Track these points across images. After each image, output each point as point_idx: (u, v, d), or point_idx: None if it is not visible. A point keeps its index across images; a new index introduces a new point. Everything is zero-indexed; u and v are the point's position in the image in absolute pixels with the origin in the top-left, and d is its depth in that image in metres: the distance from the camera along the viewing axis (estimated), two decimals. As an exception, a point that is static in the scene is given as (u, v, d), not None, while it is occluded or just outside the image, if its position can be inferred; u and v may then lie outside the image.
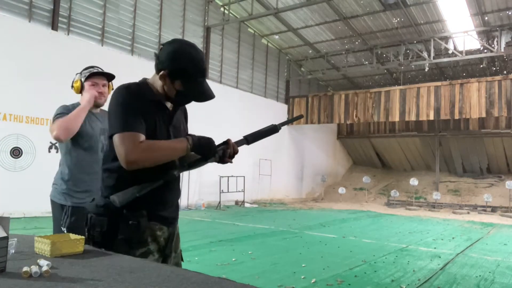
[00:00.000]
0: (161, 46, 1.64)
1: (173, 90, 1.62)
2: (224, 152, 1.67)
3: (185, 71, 1.59)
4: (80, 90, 2.55)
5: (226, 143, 1.69)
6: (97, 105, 2.57)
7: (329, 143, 21.12)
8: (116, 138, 1.52)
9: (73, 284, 1.10)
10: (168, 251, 1.70)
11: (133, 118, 1.53)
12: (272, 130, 1.87)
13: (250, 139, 1.80)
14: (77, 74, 2.59)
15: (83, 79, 2.54)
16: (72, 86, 2.57)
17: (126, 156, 1.49)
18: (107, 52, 10.82)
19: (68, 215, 2.38)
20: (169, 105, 1.70)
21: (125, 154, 1.49)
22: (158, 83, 1.65)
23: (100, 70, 2.58)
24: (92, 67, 2.59)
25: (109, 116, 1.59)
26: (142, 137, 1.53)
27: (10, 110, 8.90)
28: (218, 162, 1.71)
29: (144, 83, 1.68)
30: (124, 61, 10.85)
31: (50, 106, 2.48)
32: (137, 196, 1.54)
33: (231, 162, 1.73)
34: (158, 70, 1.62)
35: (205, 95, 1.65)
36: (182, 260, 1.84)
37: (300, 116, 2.32)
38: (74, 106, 2.50)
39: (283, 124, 1.93)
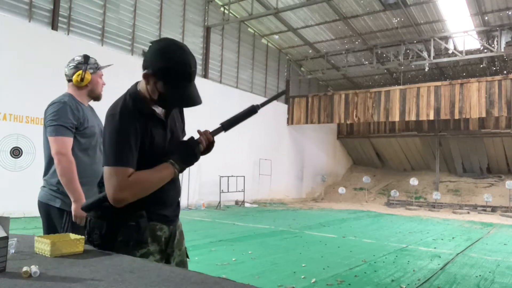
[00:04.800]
0: (150, 44, 1.57)
1: (156, 92, 1.55)
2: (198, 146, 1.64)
3: (167, 72, 1.49)
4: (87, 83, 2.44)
5: (198, 138, 1.64)
6: (100, 98, 2.51)
7: (329, 143, 21.13)
8: (106, 171, 1.50)
9: (73, 284, 1.10)
10: (170, 250, 1.68)
11: (125, 151, 1.49)
12: (250, 111, 1.71)
13: (227, 125, 1.69)
14: (80, 64, 2.43)
15: (91, 71, 2.43)
16: (83, 79, 2.40)
17: (114, 195, 1.48)
18: (107, 52, 10.81)
19: (69, 220, 2.26)
20: (160, 110, 1.63)
21: (113, 192, 1.48)
22: (143, 85, 1.58)
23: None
24: (90, 57, 2.47)
25: (104, 142, 1.55)
26: (131, 171, 1.50)
27: (10, 110, 8.90)
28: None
29: (135, 94, 1.59)
30: (124, 61, 10.84)
31: (50, 106, 2.41)
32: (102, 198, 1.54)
33: (208, 152, 1.68)
34: (143, 68, 1.55)
35: (188, 100, 1.55)
36: (187, 257, 1.82)
37: (282, 93, 2.15)
38: (72, 104, 2.33)
39: (263, 104, 1.76)
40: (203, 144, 1.64)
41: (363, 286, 4.38)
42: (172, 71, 1.49)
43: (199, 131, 1.66)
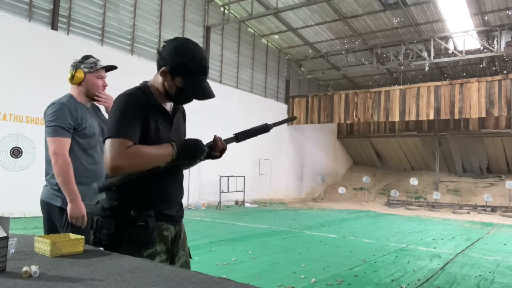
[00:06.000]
0: (164, 44, 1.65)
1: (174, 87, 1.62)
2: (210, 148, 1.67)
3: (186, 67, 1.59)
4: (80, 82, 2.42)
5: (214, 140, 1.69)
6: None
7: (329, 143, 21.12)
8: (107, 142, 1.53)
9: (73, 284, 1.10)
10: (175, 250, 1.72)
11: (128, 125, 1.54)
12: (263, 129, 1.82)
13: (240, 136, 1.77)
14: (76, 63, 2.43)
15: (86, 70, 2.42)
16: (73, 77, 2.39)
17: (111, 161, 1.49)
18: (107, 52, 10.81)
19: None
20: (168, 107, 1.71)
21: (110, 159, 1.49)
22: (159, 82, 1.65)
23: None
24: (92, 56, 2.47)
25: (108, 120, 1.61)
26: (131, 143, 1.53)
27: (10, 110, 8.90)
28: (206, 158, 1.70)
29: (145, 87, 1.67)
30: (124, 61, 10.84)
31: (50, 106, 2.42)
32: (118, 184, 1.57)
33: (219, 157, 1.71)
34: (159, 66, 1.63)
35: (205, 93, 1.65)
36: (190, 257, 1.86)
37: (293, 118, 2.27)
38: (71, 104, 2.34)
39: (275, 124, 1.88)
40: (218, 147, 1.67)
41: (363, 286, 4.38)
42: (190, 66, 1.60)
43: (215, 136, 1.70)
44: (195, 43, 1.65)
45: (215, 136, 1.70)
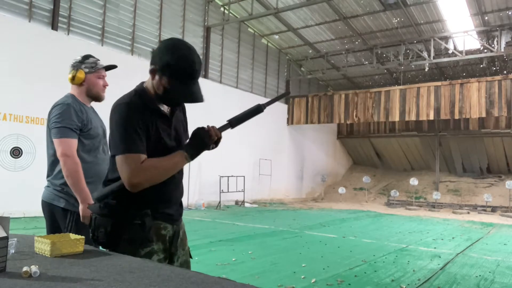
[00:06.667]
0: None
1: (161, 87, 1.60)
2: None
3: (172, 68, 1.55)
4: (81, 82, 2.42)
5: (207, 130, 1.65)
6: (100, 99, 2.50)
7: (329, 143, 21.13)
8: (118, 160, 1.53)
9: (73, 284, 1.10)
10: (173, 249, 1.71)
11: (134, 139, 1.53)
12: (256, 110, 1.75)
13: (234, 122, 1.72)
14: (76, 63, 2.42)
15: (87, 70, 2.42)
16: (74, 77, 2.38)
17: (129, 179, 1.50)
18: (107, 52, 10.81)
19: (73, 220, 2.28)
20: (165, 107, 1.69)
21: (128, 177, 1.50)
22: (150, 81, 1.64)
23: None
24: (92, 56, 2.47)
25: (111, 134, 1.59)
26: (143, 157, 1.53)
27: (10, 110, 8.90)
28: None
29: (142, 90, 1.64)
30: (124, 61, 10.84)
31: (50, 106, 2.42)
32: (115, 192, 1.58)
33: (215, 147, 1.69)
34: (150, 64, 1.62)
35: (192, 97, 1.60)
36: (190, 257, 1.85)
37: (287, 93, 2.24)
38: (76, 105, 2.34)
39: (268, 103, 1.82)
40: (212, 135, 1.64)
41: (363, 286, 4.38)
42: (177, 67, 1.55)
43: (208, 127, 1.67)
44: (187, 45, 1.60)
45: (207, 126, 1.66)
